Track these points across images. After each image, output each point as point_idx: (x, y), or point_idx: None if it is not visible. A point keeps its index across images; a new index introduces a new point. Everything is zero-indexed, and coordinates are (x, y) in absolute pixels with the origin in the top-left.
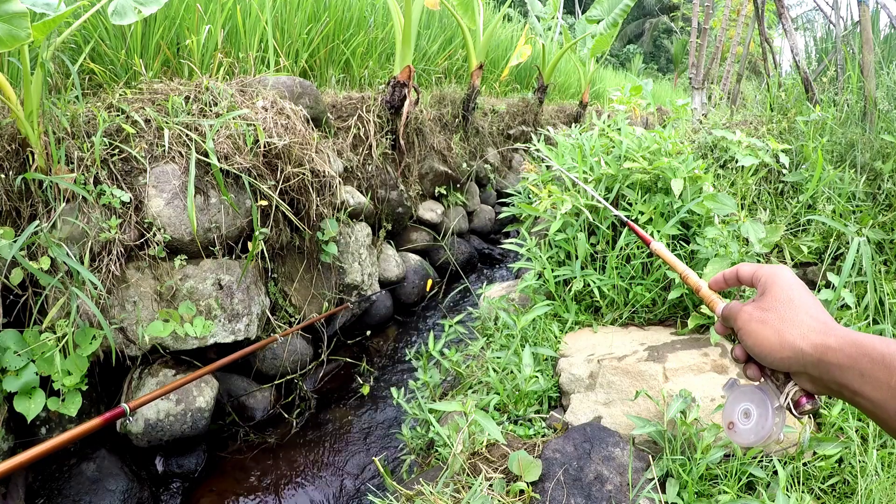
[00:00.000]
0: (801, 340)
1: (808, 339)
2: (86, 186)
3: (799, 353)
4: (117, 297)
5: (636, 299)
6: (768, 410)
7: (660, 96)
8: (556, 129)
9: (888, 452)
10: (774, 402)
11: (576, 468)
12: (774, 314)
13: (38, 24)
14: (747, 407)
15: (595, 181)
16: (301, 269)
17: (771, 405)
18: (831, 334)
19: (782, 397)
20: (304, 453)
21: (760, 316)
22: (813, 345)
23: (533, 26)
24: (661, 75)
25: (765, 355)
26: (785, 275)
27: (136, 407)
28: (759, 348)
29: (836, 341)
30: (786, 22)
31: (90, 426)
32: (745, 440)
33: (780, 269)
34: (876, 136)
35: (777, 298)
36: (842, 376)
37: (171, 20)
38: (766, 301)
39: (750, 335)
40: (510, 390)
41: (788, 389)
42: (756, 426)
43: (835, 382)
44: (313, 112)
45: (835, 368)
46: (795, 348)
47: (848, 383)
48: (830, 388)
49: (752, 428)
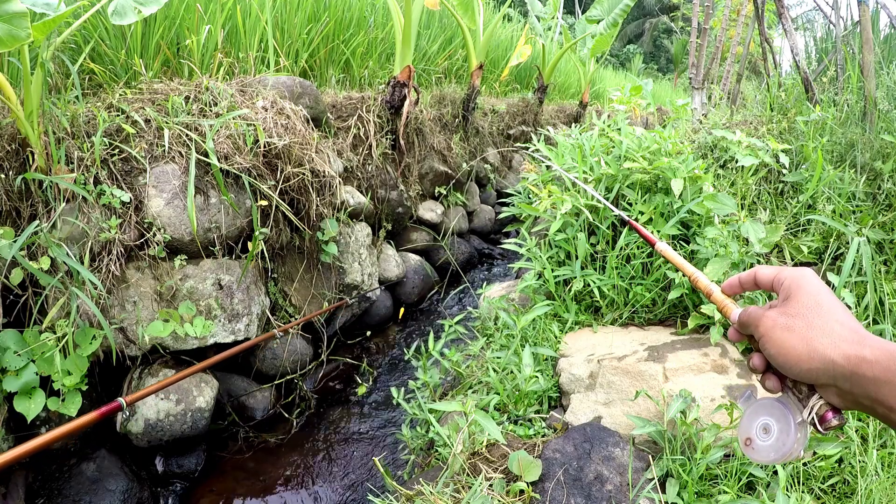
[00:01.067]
0: (831, 350)
1: (840, 349)
2: (86, 186)
3: (829, 364)
4: (117, 297)
5: (636, 299)
6: (790, 426)
7: (660, 96)
8: (556, 129)
9: (888, 452)
10: (797, 417)
11: (576, 468)
12: (802, 321)
13: (38, 24)
14: (767, 422)
15: (595, 181)
16: (301, 269)
17: (793, 420)
18: (866, 345)
19: (805, 412)
20: (305, 453)
21: (786, 322)
22: (845, 356)
23: (533, 26)
24: (661, 75)
25: (790, 366)
26: (811, 278)
27: (132, 401)
28: (785, 358)
29: (872, 353)
30: (786, 22)
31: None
32: (763, 457)
33: (805, 273)
34: (876, 136)
35: (804, 304)
36: (877, 391)
37: (171, 20)
38: (791, 306)
39: (774, 343)
40: (510, 390)
41: (813, 403)
42: (776, 442)
43: (867, 397)
44: (313, 112)
45: (869, 382)
46: (825, 359)
47: (884, 399)
48: (861, 403)
49: (773, 444)
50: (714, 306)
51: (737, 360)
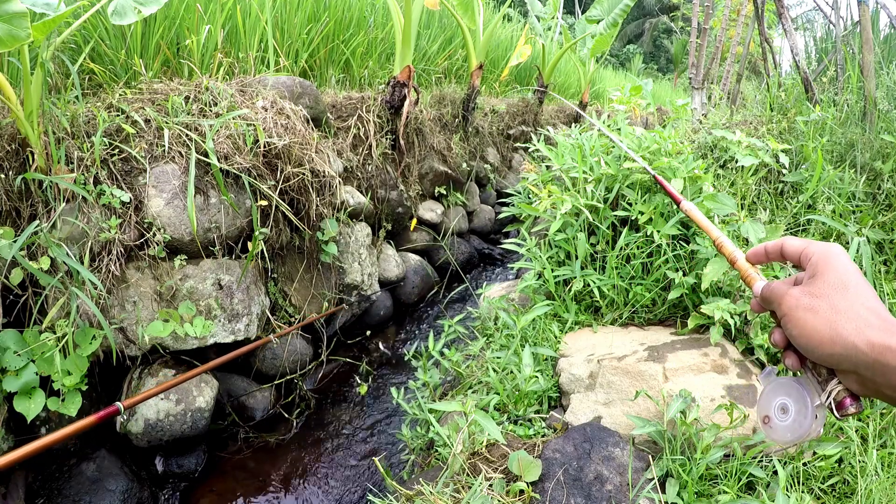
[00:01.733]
0: (856, 336)
1: (865, 335)
2: (86, 186)
3: (852, 350)
4: (117, 297)
5: (636, 299)
6: (807, 408)
7: (660, 96)
8: (556, 129)
9: (888, 452)
10: (815, 400)
11: (576, 468)
12: (826, 302)
13: (38, 24)
14: (785, 402)
15: (595, 181)
16: (301, 269)
17: (811, 402)
18: (894, 332)
19: (823, 395)
20: (304, 453)
21: (809, 303)
22: (870, 343)
23: (533, 26)
24: (661, 75)
25: (811, 348)
26: (839, 256)
27: (130, 405)
28: (806, 340)
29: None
30: (786, 22)
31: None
32: (780, 437)
33: (833, 249)
34: (876, 136)
35: (830, 284)
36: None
37: (171, 20)
38: (816, 285)
39: (796, 324)
40: (510, 390)
41: (831, 388)
42: (794, 423)
43: (890, 387)
44: (313, 112)
45: (893, 372)
46: (848, 344)
47: None
48: (883, 392)
49: (790, 425)
50: (713, 306)
51: (737, 360)
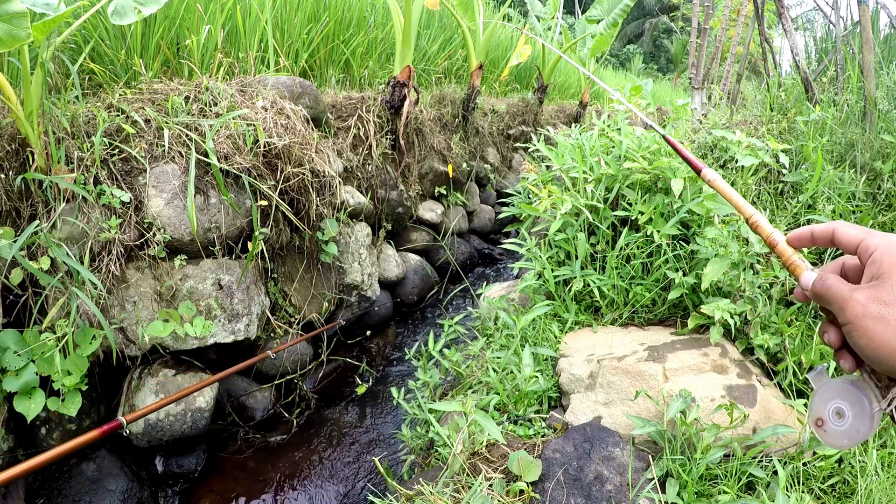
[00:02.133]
0: None
1: None
2: (86, 186)
3: None
4: (117, 297)
5: (636, 299)
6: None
7: (660, 96)
8: (556, 129)
9: (888, 452)
10: (874, 406)
11: (576, 468)
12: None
13: (38, 24)
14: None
15: (595, 181)
16: (301, 269)
17: (870, 408)
18: None
19: (884, 402)
20: (305, 453)
21: (879, 311)
22: None
23: (533, 26)
24: (661, 75)
25: (880, 360)
26: None
27: (132, 420)
28: (875, 352)
29: None
30: (786, 22)
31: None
32: (835, 442)
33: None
34: (876, 136)
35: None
36: None
37: (171, 20)
38: (885, 290)
39: (864, 334)
40: (510, 390)
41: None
42: (850, 429)
43: None
44: (313, 112)
45: None
46: None
47: None
48: None
49: (846, 431)
50: (713, 306)
51: (737, 360)
